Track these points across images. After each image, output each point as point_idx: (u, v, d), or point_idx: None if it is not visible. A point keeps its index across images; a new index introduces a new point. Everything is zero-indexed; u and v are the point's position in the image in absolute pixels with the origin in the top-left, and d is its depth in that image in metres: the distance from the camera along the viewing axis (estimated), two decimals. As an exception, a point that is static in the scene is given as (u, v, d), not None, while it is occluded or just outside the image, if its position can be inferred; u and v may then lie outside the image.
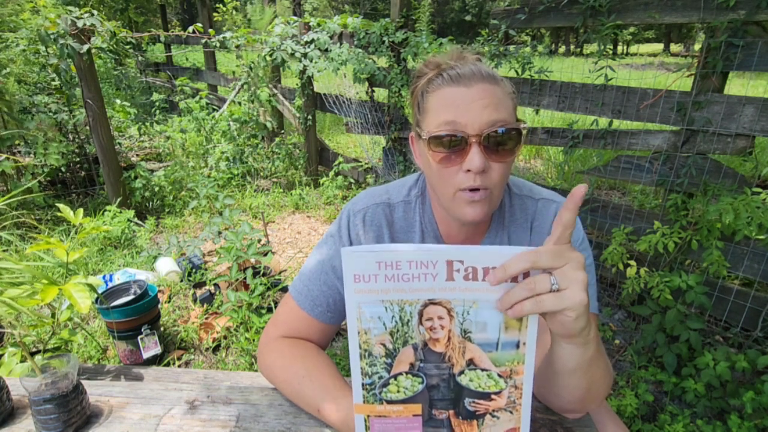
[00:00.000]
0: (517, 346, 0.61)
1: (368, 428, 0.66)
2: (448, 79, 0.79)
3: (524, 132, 0.79)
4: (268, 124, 4.85)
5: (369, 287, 0.58)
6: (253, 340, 2.27)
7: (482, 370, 0.62)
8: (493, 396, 0.63)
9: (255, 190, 4.57)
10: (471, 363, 0.62)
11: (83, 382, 0.87)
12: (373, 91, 3.87)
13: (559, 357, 0.67)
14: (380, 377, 0.63)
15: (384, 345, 0.61)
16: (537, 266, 0.56)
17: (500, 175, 0.79)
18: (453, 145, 0.77)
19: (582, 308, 0.57)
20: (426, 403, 0.65)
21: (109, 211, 3.56)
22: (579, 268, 0.57)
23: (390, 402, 0.64)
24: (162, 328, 2.37)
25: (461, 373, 0.63)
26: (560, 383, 0.73)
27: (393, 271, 0.57)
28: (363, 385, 0.63)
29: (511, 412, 0.64)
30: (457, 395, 0.64)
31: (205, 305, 2.61)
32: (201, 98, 5.18)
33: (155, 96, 6.38)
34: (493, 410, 0.64)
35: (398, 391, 0.64)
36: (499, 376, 0.62)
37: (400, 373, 0.63)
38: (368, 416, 0.65)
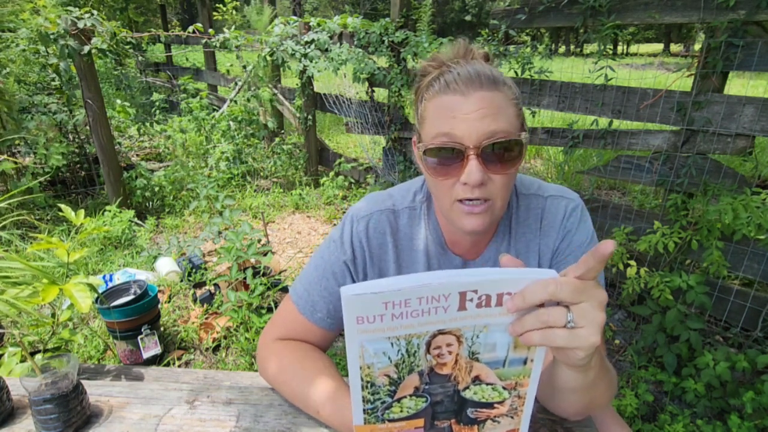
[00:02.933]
0: (524, 362, 0.59)
1: None
2: (445, 85, 0.75)
3: (525, 141, 0.76)
4: (269, 124, 4.85)
5: (374, 327, 0.53)
6: (253, 340, 2.27)
7: (487, 384, 0.60)
8: (495, 405, 0.62)
9: (255, 190, 4.57)
10: (477, 379, 0.60)
11: (83, 382, 0.87)
12: (373, 91, 3.87)
13: (559, 378, 0.66)
14: (383, 402, 0.60)
15: (388, 376, 0.58)
16: (556, 298, 0.52)
17: (502, 186, 0.75)
18: (450, 157, 0.74)
19: (593, 349, 0.53)
20: (429, 417, 0.63)
21: (109, 211, 3.56)
22: (599, 308, 0.52)
23: (392, 420, 0.62)
24: (162, 328, 2.37)
25: (466, 388, 0.61)
26: (561, 398, 0.72)
27: (401, 309, 0.52)
28: (364, 410, 0.60)
29: (512, 417, 0.64)
30: (461, 407, 0.63)
31: (205, 305, 2.61)
32: (202, 98, 5.18)
33: (155, 96, 6.38)
34: (495, 416, 0.64)
35: (401, 411, 0.62)
36: (504, 388, 0.61)
37: (404, 396, 0.60)
38: None
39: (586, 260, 0.52)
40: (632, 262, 2.23)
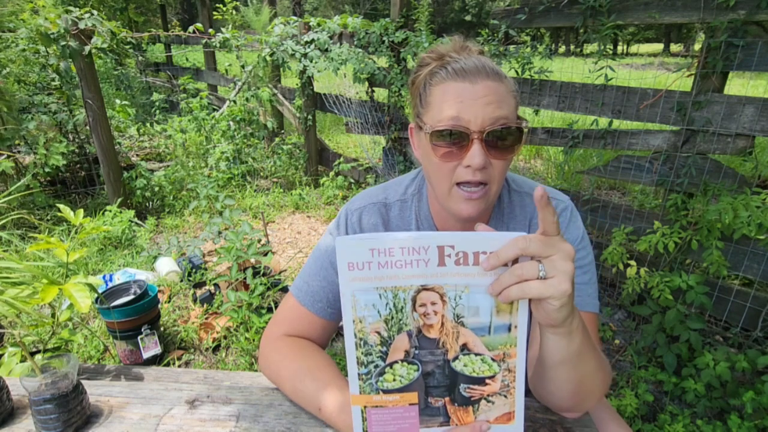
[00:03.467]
0: (509, 329, 0.62)
1: (365, 420, 0.66)
2: (453, 73, 0.78)
3: (525, 130, 0.79)
4: (269, 124, 4.85)
5: (363, 275, 0.59)
6: (253, 340, 2.27)
7: (476, 354, 0.63)
8: (487, 381, 0.64)
9: (255, 190, 4.57)
10: (465, 348, 0.63)
11: (83, 382, 0.87)
12: (373, 91, 3.87)
13: (546, 348, 0.68)
14: (376, 366, 0.64)
15: (379, 333, 0.62)
16: (527, 253, 0.57)
17: (499, 172, 0.80)
18: (455, 140, 0.78)
19: (566, 298, 0.58)
20: (422, 390, 0.65)
21: (110, 211, 3.56)
22: (567, 259, 0.58)
23: (386, 391, 0.65)
24: (162, 328, 2.37)
25: (455, 358, 0.64)
26: (551, 377, 0.73)
27: (386, 258, 0.58)
28: (359, 375, 0.64)
29: (505, 396, 0.65)
30: (452, 381, 0.65)
31: (205, 305, 2.61)
32: (202, 98, 5.18)
33: (155, 96, 6.38)
34: (488, 395, 0.65)
35: (394, 380, 0.64)
36: (493, 359, 0.63)
37: (396, 362, 0.64)
38: (365, 407, 0.65)
39: (539, 215, 0.58)
40: (632, 262, 2.24)
